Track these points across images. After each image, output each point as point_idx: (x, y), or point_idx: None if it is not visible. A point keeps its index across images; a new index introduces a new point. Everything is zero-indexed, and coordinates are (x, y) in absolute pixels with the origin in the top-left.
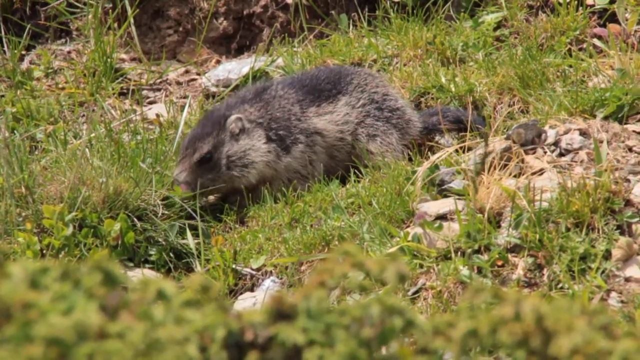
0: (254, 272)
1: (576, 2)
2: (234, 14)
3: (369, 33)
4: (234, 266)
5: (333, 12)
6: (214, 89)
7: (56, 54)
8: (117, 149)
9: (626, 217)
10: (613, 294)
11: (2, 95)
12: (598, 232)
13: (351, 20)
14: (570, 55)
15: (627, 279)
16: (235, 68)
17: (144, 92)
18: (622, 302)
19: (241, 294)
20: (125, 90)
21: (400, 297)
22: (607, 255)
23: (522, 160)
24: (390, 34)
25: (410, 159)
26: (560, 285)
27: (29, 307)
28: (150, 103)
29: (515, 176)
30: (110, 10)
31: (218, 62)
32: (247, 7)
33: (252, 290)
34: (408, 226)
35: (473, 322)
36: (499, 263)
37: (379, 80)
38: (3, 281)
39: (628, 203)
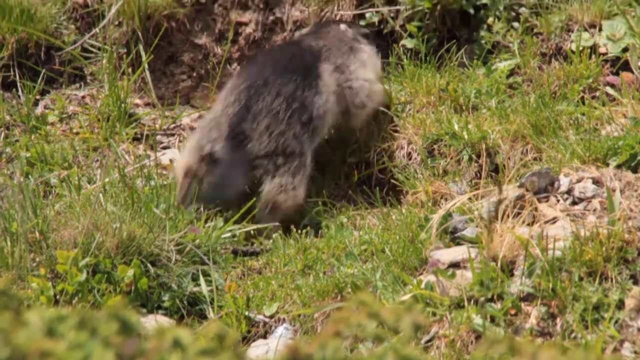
0: (266, 320)
1: (589, 50)
2: (247, 59)
3: (383, 79)
4: (246, 313)
5: None
6: None
7: (70, 99)
8: (131, 195)
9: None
10: (626, 344)
11: (17, 140)
12: (611, 281)
13: None
14: (583, 103)
15: None
16: None
17: (158, 138)
18: (635, 352)
19: (254, 341)
20: (139, 136)
21: (413, 346)
22: (620, 305)
23: (535, 209)
24: (403, 81)
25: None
26: (573, 335)
27: (46, 355)
28: (164, 148)
29: (528, 224)
30: (124, 56)
31: None
32: None
33: (264, 337)
34: (421, 274)
35: None
36: (512, 312)
37: None
38: (20, 329)
39: None
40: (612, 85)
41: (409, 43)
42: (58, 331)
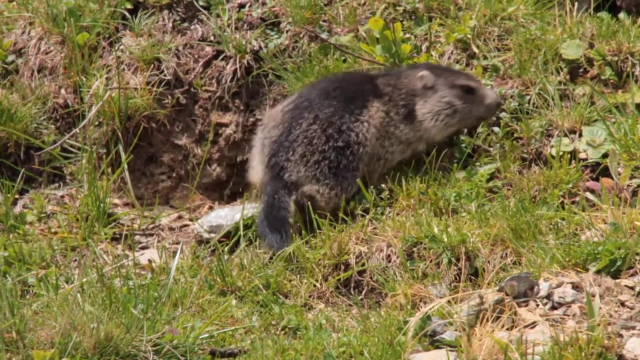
0: None
1: (569, 155)
2: (227, 160)
3: (361, 183)
4: None
5: None
6: (206, 235)
7: (49, 199)
8: (109, 295)
9: None
10: None
11: None
12: None
13: None
14: (563, 208)
15: None
16: (227, 214)
17: (137, 238)
18: None
19: None
20: (117, 235)
21: None
22: None
23: (515, 313)
24: (383, 183)
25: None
26: None
27: None
28: (143, 248)
29: (507, 329)
30: (104, 156)
31: (211, 208)
32: (241, 154)
33: None
34: None
35: None
36: None
37: None
38: None
39: (621, 358)
40: (592, 191)
41: None
42: None
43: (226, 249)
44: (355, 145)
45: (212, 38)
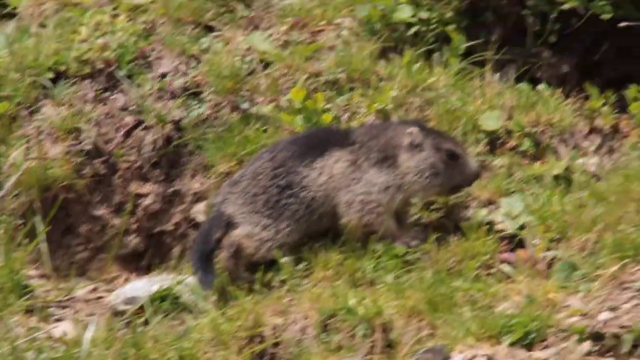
0: None
1: (486, 227)
2: (146, 231)
3: (279, 253)
4: None
5: None
6: (121, 307)
7: None
8: None
9: None
10: None
11: None
12: None
13: None
14: (479, 280)
15: None
16: (144, 286)
17: (51, 310)
18: None
19: None
20: (32, 308)
21: None
22: None
23: None
24: (300, 255)
25: None
26: None
27: None
28: (58, 320)
29: None
30: (21, 226)
31: (127, 279)
32: (159, 225)
33: None
34: None
35: None
36: None
37: None
38: None
39: None
40: (508, 263)
41: None
42: None
43: (141, 320)
44: (298, 187)
45: (132, 107)
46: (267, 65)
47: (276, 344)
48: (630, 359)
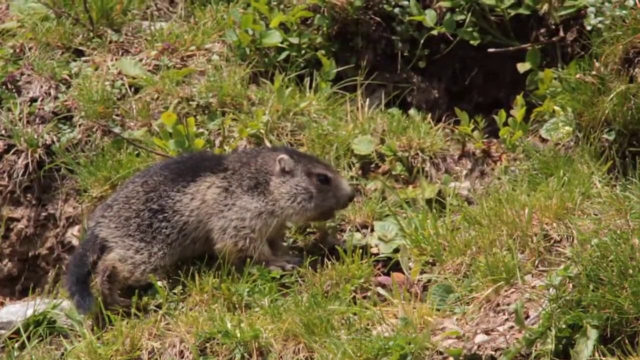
0: None
1: (361, 250)
2: (19, 255)
3: (154, 277)
4: None
5: None
6: None
7: None
8: None
9: None
10: None
11: None
12: None
13: None
14: (355, 303)
15: None
16: (19, 310)
17: None
18: None
19: None
20: None
21: None
22: None
23: None
24: (176, 278)
25: None
26: None
27: None
28: None
29: None
30: None
31: (2, 303)
32: (33, 249)
33: None
34: None
35: None
36: None
37: None
38: None
39: None
40: (384, 286)
41: None
42: None
43: (16, 345)
44: (171, 211)
45: (3, 132)
46: (137, 89)
47: None
48: None
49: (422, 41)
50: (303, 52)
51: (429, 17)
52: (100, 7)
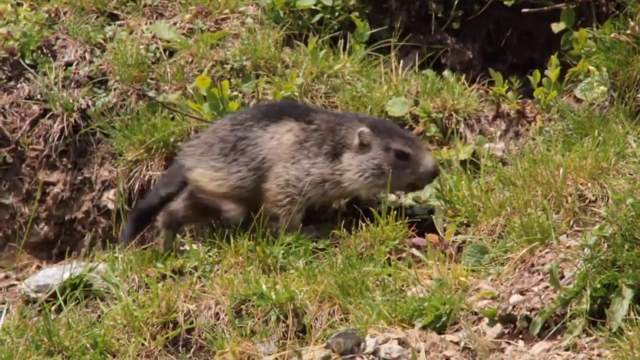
0: None
1: (395, 212)
2: (56, 219)
3: (189, 240)
4: None
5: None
6: (33, 295)
7: None
8: None
9: None
10: None
11: None
12: None
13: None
14: (390, 265)
15: None
16: (56, 274)
17: None
18: None
19: None
20: None
21: None
22: None
23: None
24: (211, 241)
25: None
26: None
27: None
28: None
29: None
30: None
31: (39, 267)
32: (69, 213)
33: None
34: None
35: None
36: None
37: None
38: None
39: None
40: (418, 247)
41: None
42: None
43: (53, 308)
44: (252, 143)
45: (39, 96)
46: (172, 53)
47: (190, 330)
48: (541, 341)
49: (456, 2)
50: (337, 14)
51: None
52: None
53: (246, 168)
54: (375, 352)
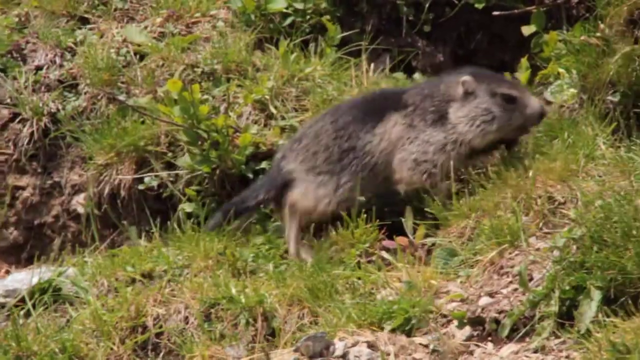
0: None
1: (366, 215)
2: (25, 223)
3: (159, 243)
4: None
5: (125, 222)
6: (2, 300)
7: None
8: None
9: None
10: None
11: None
12: None
13: (144, 231)
14: (360, 268)
15: None
16: (25, 278)
17: None
18: None
19: None
20: None
21: None
22: None
23: None
24: (181, 245)
25: None
26: None
27: None
28: None
29: None
30: None
31: (7, 272)
32: (39, 217)
33: None
34: None
35: None
36: None
37: None
38: None
39: None
40: (388, 250)
41: (187, 207)
42: None
43: (22, 313)
44: (361, 152)
45: (8, 100)
46: (142, 57)
47: (159, 334)
48: (510, 343)
49: (427, 5)
50: (308, 17)
51: None
52: None
53: (352, 178)
54: (344, 356)
